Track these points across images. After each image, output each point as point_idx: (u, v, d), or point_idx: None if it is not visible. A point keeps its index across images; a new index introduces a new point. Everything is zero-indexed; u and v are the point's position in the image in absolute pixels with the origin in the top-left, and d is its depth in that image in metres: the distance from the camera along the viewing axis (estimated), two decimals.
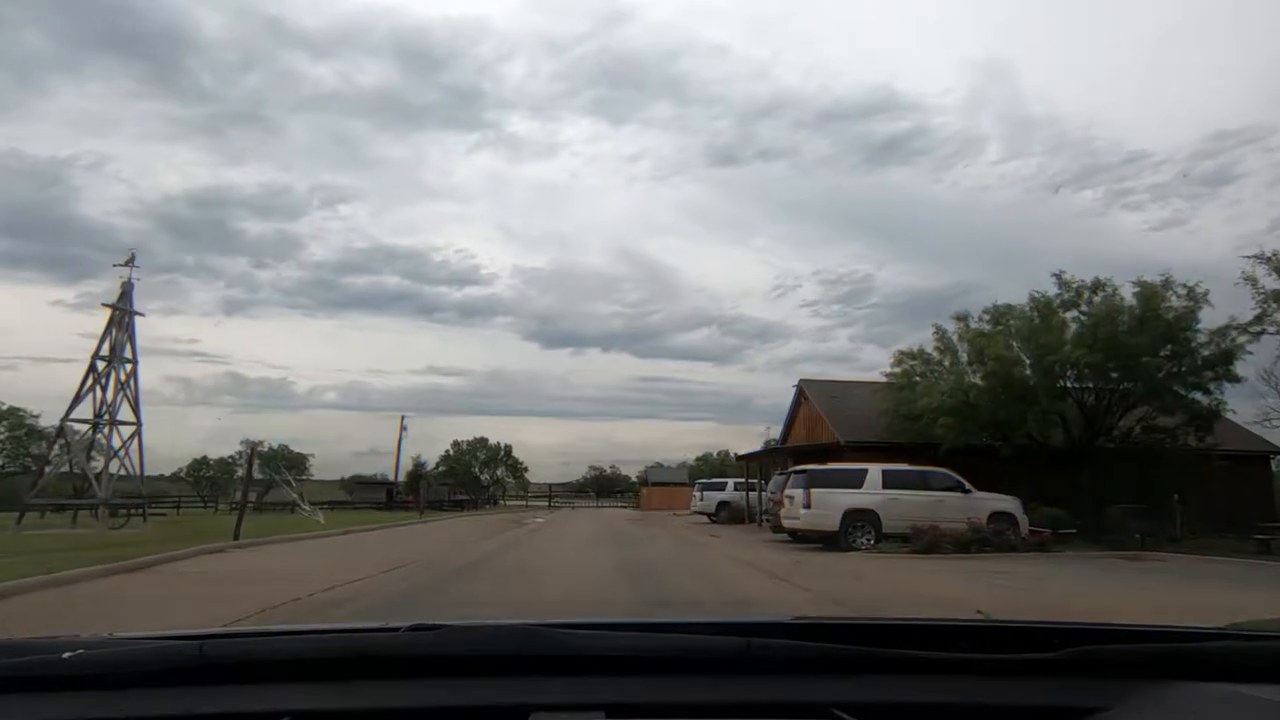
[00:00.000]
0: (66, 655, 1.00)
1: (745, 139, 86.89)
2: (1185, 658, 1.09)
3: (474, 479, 59.10)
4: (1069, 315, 18.06)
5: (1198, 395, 17.43)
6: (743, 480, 27.61)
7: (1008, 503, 15.01)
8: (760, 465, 25.23)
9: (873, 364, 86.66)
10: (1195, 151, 64.91)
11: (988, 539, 13.69)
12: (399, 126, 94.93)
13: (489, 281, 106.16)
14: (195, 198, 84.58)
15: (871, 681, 1.04)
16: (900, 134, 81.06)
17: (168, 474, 49.75)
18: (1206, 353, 16.91)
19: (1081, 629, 1.27)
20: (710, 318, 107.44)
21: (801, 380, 26.33)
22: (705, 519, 27.68)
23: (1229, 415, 18.45)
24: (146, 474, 21.24)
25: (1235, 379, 17.17)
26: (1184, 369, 17.16)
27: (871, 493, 14.70)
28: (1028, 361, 17.78)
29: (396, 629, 1.14)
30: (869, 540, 14.25)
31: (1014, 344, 18.16)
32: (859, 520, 14.42)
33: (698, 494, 29.94)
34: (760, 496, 23.69)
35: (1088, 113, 79.39)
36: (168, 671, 1.01)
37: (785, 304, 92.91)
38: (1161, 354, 17.00)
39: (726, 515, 26.51)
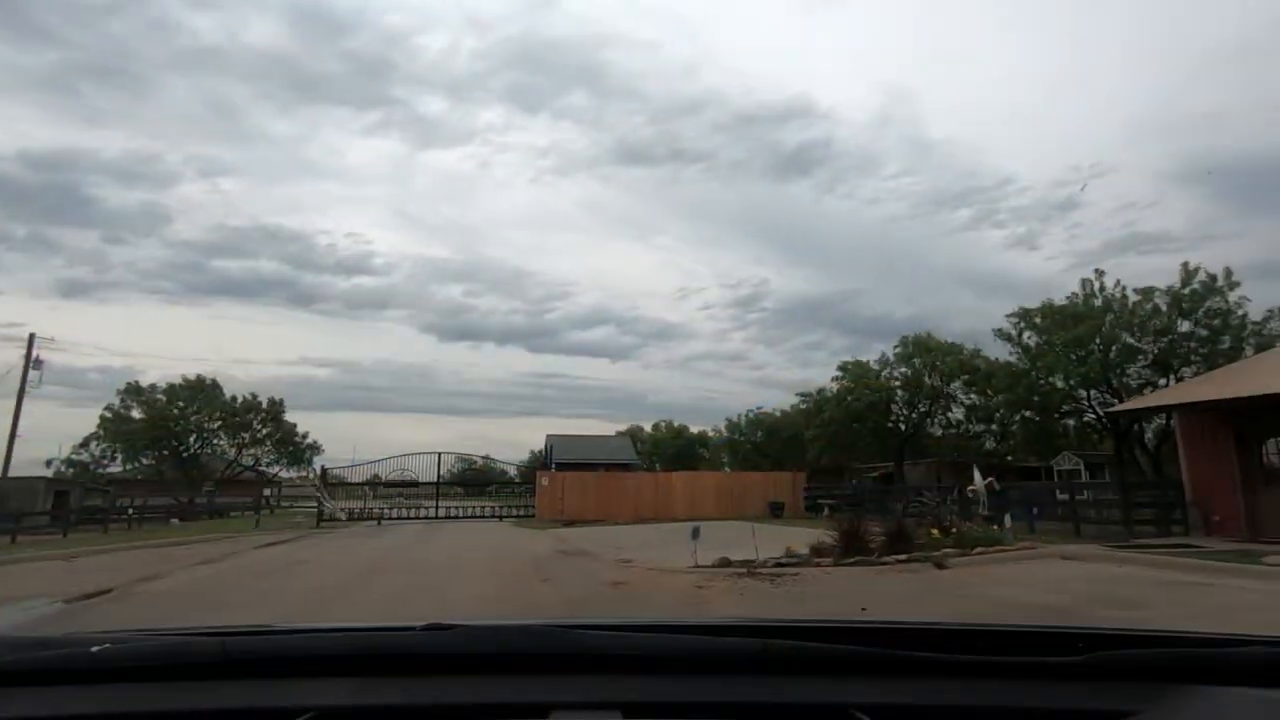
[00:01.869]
0: (94, 649, 1.04)
1: (663, 136, 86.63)
2: (1213, 662, 1.08)
3: (189, 462, 38.24)
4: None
5: None
6: None
7: None
8: None
9: (763, 362, 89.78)
10: (1055, 180, 72.52)
11: None
12: (290, 96, 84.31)
13: (385, 271, 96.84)
14: (34, 159, 68.10)
15: (891, 683, 1.02)
16: (809, 142, 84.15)
17: None
18: None
19: (1105, 634, 1.24)
20: (610, 316, 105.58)
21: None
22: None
23: None
24: None
25: None
26: None
27: None
28: None
29: (413, 628, 1.14)
30: None
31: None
32: None
33: None
34: None
35: (976, 140, 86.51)
36: (191, 666, 1.03)
37: (686, 305, 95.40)
38: None
39: None
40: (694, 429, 57.10)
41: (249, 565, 12.65)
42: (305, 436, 43.00)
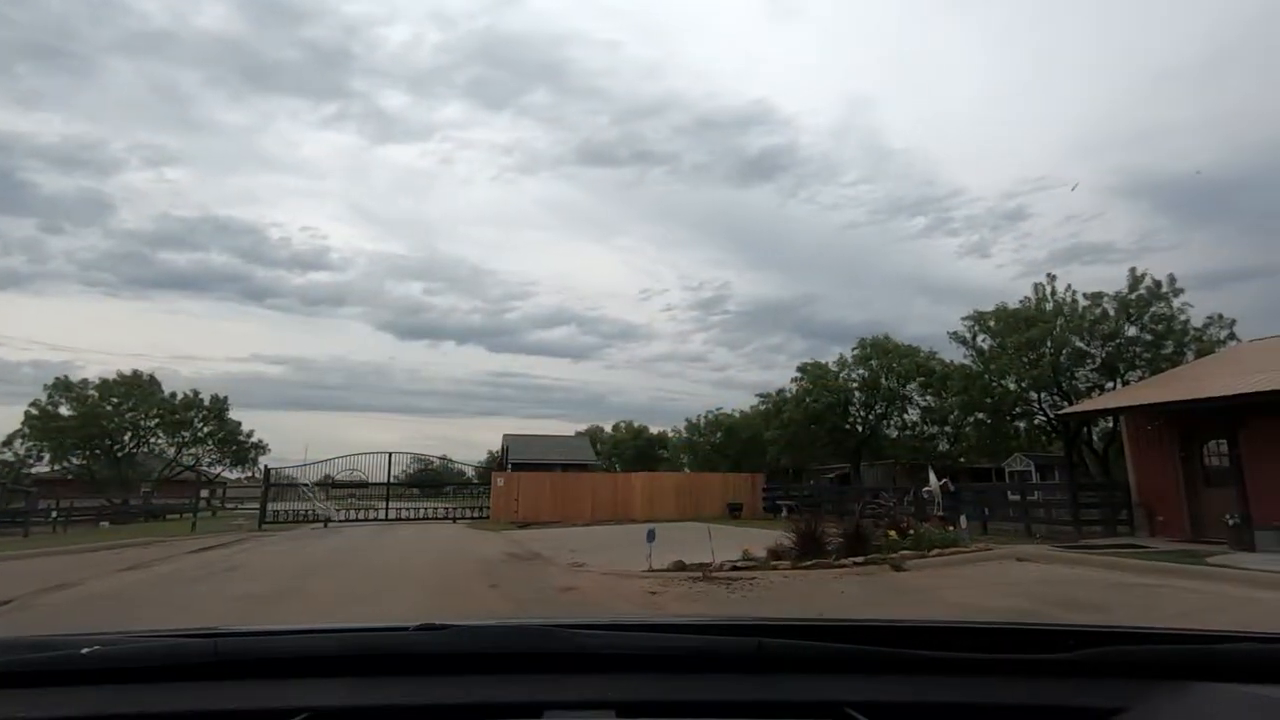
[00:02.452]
0: (85, 651, 1.03)
1: (626, 137, 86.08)
2: (1202, 659, 1.08)
3: (124, 461, 36.06)
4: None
5: None
6: None
7: None
8: None
9: (725, 364, 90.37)
10: (1005, 192, 74.57)
11: None
12: (243, 84, 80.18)
13: (341, 267, 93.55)
14: None
15: (884, 681, 1.03)
16: (772, 148, 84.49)
17: None
18: None
19: (1096, 631, 1.24)
20: (572, 316, 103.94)
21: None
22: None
23: None
24: None
25: None
26: None
27: None
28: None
29: (406, 628, 1.13)
30: None
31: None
32: None
33: None
34: None
35: (932, 150, 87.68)
36: (184, 667, 1.03)
37: (649, 307, 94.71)
38: None
39: None
40: (654, 430, 56.90)
41: (176, 571, 11.81)
42: (250, 435, 41.30)
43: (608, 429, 59.81)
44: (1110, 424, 21.31)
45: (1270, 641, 1.17)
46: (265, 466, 29.48)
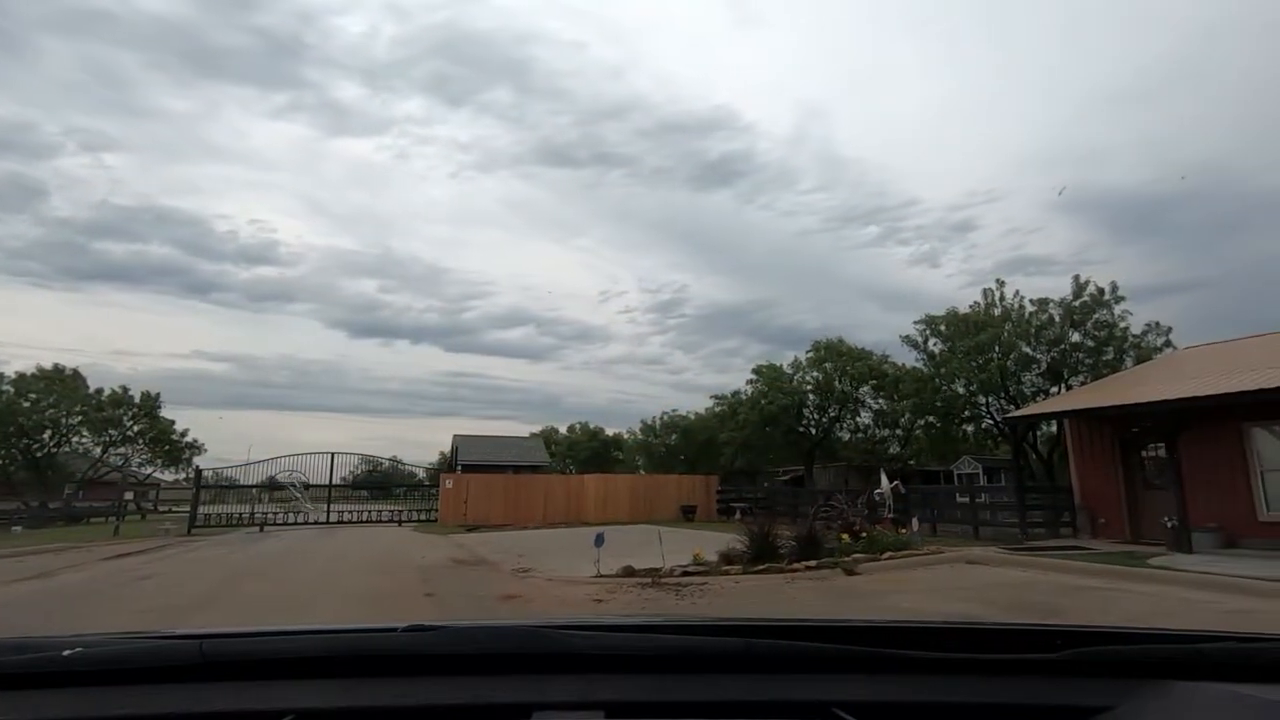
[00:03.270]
0: (67, 653, 1.01)
1: (587, 139, 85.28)
2: (1185, 658, 1.11)
3: (44, 461, 33.56)
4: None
5: None
6: None
7: None
8: None
9: (681, 367, 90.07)
10: (953, 204, 77.43)
11: None
12: (189, 70, 74.92)
13: (291, 262, 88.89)
14: None
15: (872, 681, 1.03)
16: (731, 154, 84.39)
17: None
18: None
19: (1082, 631, 1.24)
20: (530, 316, 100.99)
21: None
22: None
23: None
24: None
25: None
26: None
27: None
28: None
29: (394, 629, 1.12)
30: None
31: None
32: None
33: None
34: None
35: (885, 161, 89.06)
36: (168, 669, 1.02)
37: (607, 308, 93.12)
38: None
39: None
40: (610, 431, 56.42)
41: (82, 581, 10.84)
42: (185, 434, 39.25)
43: (563, 430, 59.13)
44: (1054, 429, 21.82)
45: (1248, 641, 1.19)
46: (197, 467, 27.94)
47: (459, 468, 33.06)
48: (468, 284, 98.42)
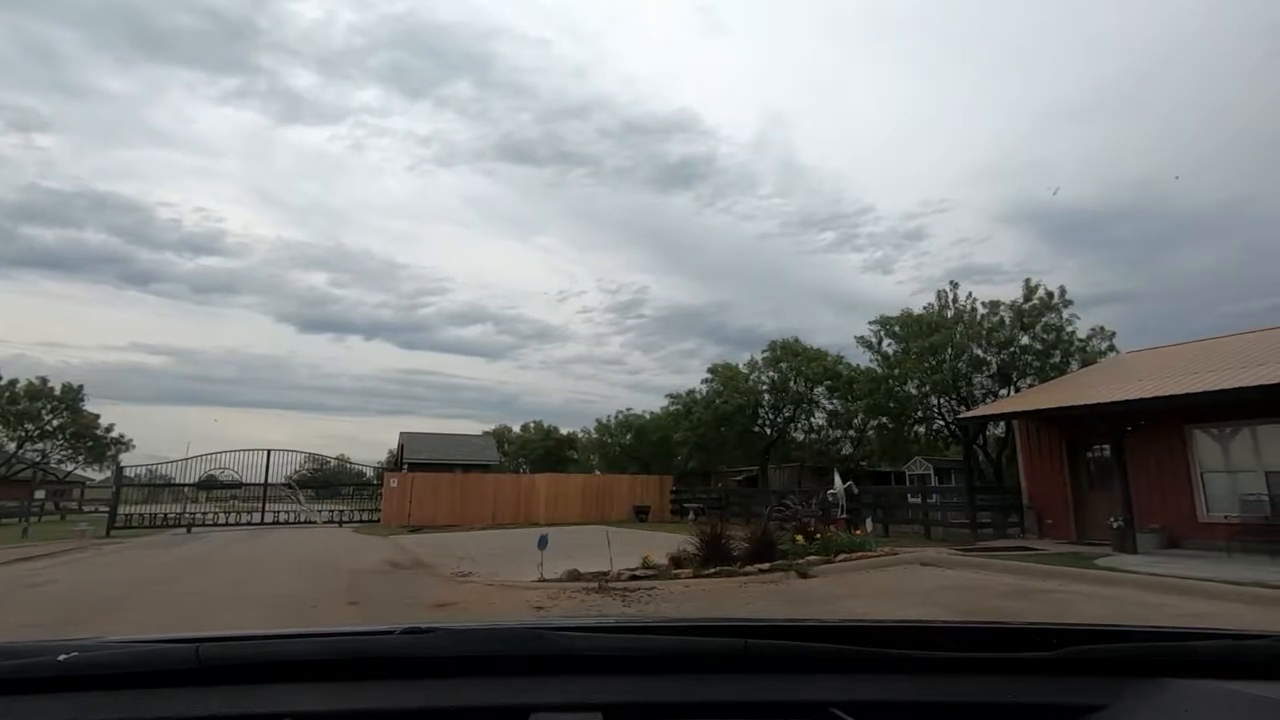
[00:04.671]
0: (62, 657, 1.00)
1: (549, 137, 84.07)
2: (1179, 656, 1.12)
3: None
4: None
5: None
6: None
7: None
8: None
9: (639, 368, 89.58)
10: (906, 213, 79.03)
11: None
12: (132, 49, 71.71)
13: (239, 253, 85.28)
14: None
15: (869, 681, 1.04)
16: (693, 157, 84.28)
17: None
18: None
19: (1078, 630, 1.25)
20: (487, 314, 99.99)
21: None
22: None
23: None
24: None
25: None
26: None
27: None
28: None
29: (391, 631, 1.12)
30: None
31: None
32: None
33: None
34: None
35: (841, 169, 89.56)
36: (164, 673, 1.01)
37: (566, 308, 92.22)
38: None
39: None
40: (565, 431, 55.58)
41: None
42: (110, 429, 36.95)
43: (516, 429, 58.05)
44: (1002, 431, 22.10)
45: (1241, 639, 1.19)
46: (118, 464, 26.16)
47: (405, 466, 31.89)
48: (424, 280, 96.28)
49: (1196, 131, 59.96)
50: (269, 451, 26.10)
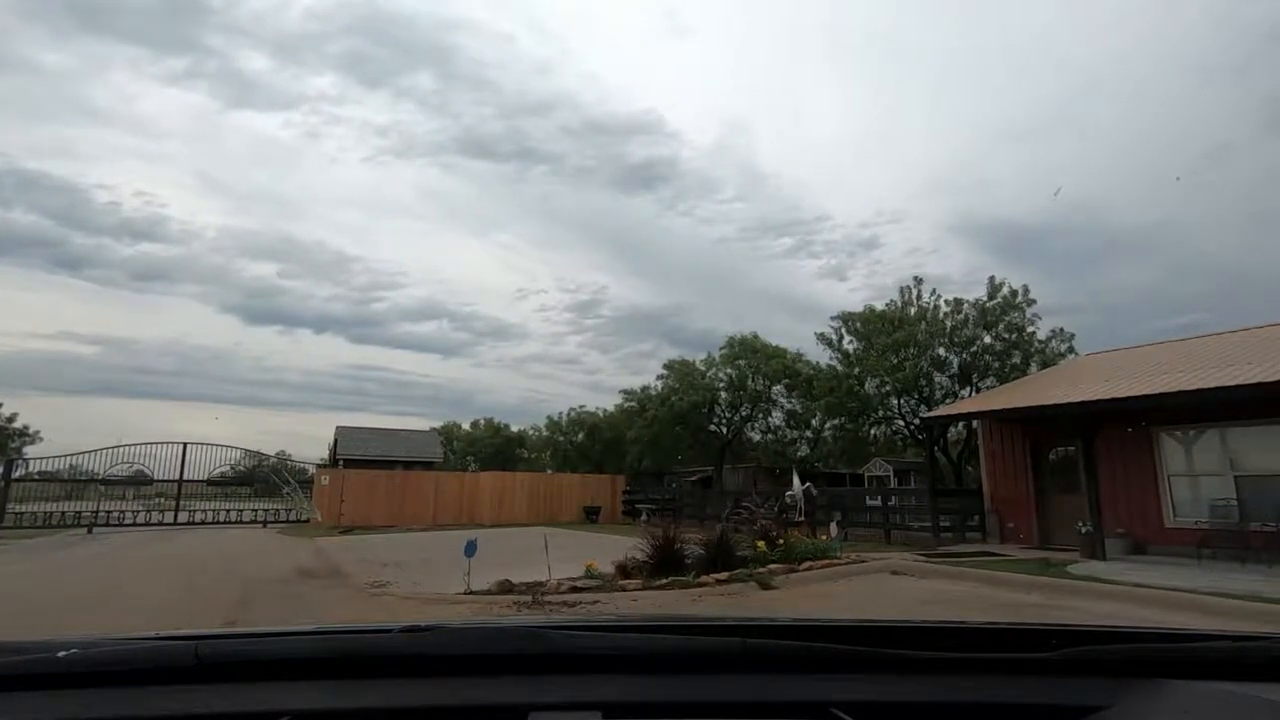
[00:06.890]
0: (62, 654, 0.99)
1: (511, 133, 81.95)
2: (1180, 657, 1.11)
3: None
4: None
5: None
6: None
7: None
8: None
9: (597, 368, 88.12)
10: (862, 222, 79.95)
11: None
12: (68, 21, 63.89)
13: (181, 240, 77.95)
14: None
15: (869, 680, 1.03)
16: (655, 159, 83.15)
17: None
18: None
19: (1079, 630, 1.23)
20: (443, 310, 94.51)
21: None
22: None
23: None
24: None
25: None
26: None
27: None
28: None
29: (390, 629, 1.12)
30: None
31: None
32: None
33: None
34: None
35: (800, 177, 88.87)
36: (163, 671, 1.00)
37: (524, 306, 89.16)
38: None
39: None
40: (516, 428, 53.81)
41: None
42: (12, 420, 33.83)
43: (466, 426, 56.02)
44: (964, 431, 21.70)
45: (1241, 640, 1.17)
46: (9, 458, 23.65)
47: (340, 462, 29.94)
48: (378, 273, 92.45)
49: (1116, 157, 62.29)
50: (185, 445, 23.94)
